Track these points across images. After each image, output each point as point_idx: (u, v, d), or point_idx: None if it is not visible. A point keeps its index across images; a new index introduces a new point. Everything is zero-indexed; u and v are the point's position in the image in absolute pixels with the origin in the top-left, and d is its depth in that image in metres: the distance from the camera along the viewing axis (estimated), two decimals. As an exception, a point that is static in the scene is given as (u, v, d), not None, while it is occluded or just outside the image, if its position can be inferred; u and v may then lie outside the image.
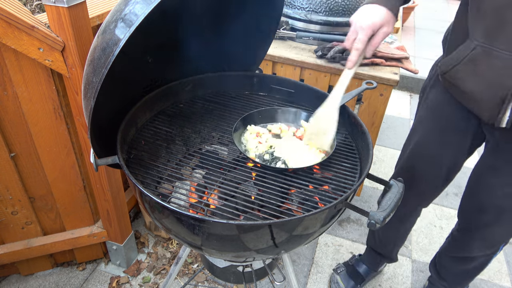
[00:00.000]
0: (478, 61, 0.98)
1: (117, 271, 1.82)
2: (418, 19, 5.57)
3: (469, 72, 1.01)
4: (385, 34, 1.00)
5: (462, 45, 1.02)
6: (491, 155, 1.20)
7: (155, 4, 0.70)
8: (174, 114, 1.17)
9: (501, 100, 0.97)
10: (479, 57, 0.97)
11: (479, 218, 1.29)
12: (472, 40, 0.99)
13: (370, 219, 0.74)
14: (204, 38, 1.21)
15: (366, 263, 1.81)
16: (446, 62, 1.08)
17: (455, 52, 1.05)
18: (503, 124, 1.00)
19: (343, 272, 1.83)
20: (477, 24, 0.97)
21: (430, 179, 1.36)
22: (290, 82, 1.24)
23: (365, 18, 0.98)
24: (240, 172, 0.95)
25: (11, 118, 1.31)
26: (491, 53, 0.94)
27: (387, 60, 1.70)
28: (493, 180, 1.20)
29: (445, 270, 1.58)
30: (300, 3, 1.77)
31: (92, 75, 0.77)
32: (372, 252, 1.77)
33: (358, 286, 1.80)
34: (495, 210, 1.23)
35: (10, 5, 1.09)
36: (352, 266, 1.83)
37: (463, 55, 1.01)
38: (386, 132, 3.11)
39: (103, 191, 1.53)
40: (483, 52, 0.96)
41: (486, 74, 0.97)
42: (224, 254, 0.88)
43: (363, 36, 0.98)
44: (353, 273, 1.81)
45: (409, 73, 3.62)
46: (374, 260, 1.78)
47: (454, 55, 1.05)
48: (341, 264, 1.88)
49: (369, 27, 0.97)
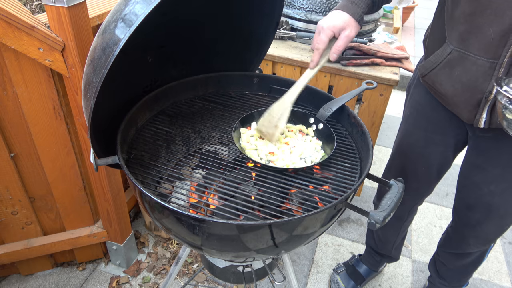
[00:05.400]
0: (454, 65, 1.01)
1: (117, 271, 1.82)
2: (418, 19, 5.57)
3: (446, 75, 1.04)
4: (348, 38, 1.02)
5: (440, 49, 1.05)
6: (474, 154, 1.22)
7: (155, 4, 0.70)
8: (174, 114, 1.17)
9: (477, 103, 1.00)
10: (455, 61, 1.00)
11: (469, 216, 1.31)
12: (448, 44, 1.02)
13: (370, 219, 0.74)
14: (204, 38, 1.21)
15: (366, 263, 1.81)
16: (425, 65, 1.11)
17: (432, 55, 1.08)
18: (481, 125, 1.04)
19: (343, 272, 1.83)
20: (452, 29, 1.00)
21: (421, 176, 1.38)
22: (290, 82, 1.24)
23: (327, 21, 1.03)
24: (240, 172, 0.95)
25: (11, 118, 1.31)
26: (466, 57, 0.97)
27: (387, 60, 1.70)
28: (478, 178, 1.22)
29: (444, 266, 1.59)
30: (300, 3, 1.77)
31: (92, 75, 0.77)
32: (372, 252, 1.77)
33: (358, 286, 1.80)
34: (483, 208, 1.25)
35: (10, 5, 1.09)
36: (352, 266, 1.83)
37: (440, 59, 1.05)
38: (386, 132, 3.11)
39: (103, 191, 1.53)
40: (458, 56, 0.99)
41: (462, 78, 1.00)
42: (224, 254, 0.88)
43: (324, 37, 1.02)
44: (353, 273, 1.81)
45: (409, 73, 3.61)
46: (374, 260, 1.78)
47: (432, 58, 1.08)
48: (341, 264, 1.88)
49: (329, 28, 1.01)
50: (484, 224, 1.29)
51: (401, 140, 1.39)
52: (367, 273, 1.82)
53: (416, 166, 1.36)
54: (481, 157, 1.18)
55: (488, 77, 0.95)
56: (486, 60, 0.94)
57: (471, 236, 1.35)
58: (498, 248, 2.15)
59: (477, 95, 0.99)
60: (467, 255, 1.46)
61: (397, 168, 1.44)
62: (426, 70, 1.11)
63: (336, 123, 1.15)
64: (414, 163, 1.36)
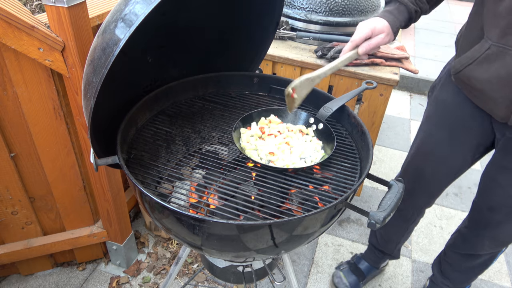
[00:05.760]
0: (493, 60, 1.01)
1: (117, 271, 1.82)
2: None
3: (483, 70, 1.04)
4: (382, 40, 1.07)
5: (477, 45, 1.05)
6: (501, 155, 1.22)
7: (155, 4, 0.70)
8: (174, 114, 1.17)
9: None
10: (493, 56, 1.00)
11: (490, 216, 1.31)
12: (487, 40, 1.01)
13: (370, 219, 0.74)
14: (204, 38, 1.21)
15: (368, 260, 1.83)
16: (461, 61, 1.11)
17: (469, 51, 1.08)
18: None
19: (346, 269, 1.85)
20: (492, 25, 1.00)
21: (440, 178, 1.38)
22: (290, 82, 1.24)
23: (369, 21, 1.08)
24: (240, 172, 0.95)
25: (11, 118, 1.31)
26: (506, 52, 0.97)
27: (387, 60, 1.70)
28: (504, 180, 1.22)
29: (450, 267, 1.59)
30: (300, 3, 1.77)
31: (92, 75, 0.77)
32: (374, 249, 1.78)
33: (360, 283, 1.82)
34: (506, 210, 1.25)
35: (10, 5, 1.09)
36: (354, 263, 1.86)
37: (477, 54, 1.04)
38: (386, 132, 3.11)
39: (103, 191, 1.53)
40: (498, 51, 0.99)
41: (500, 73, 1.00)
42: (224, 254, 0.88)
43: (361, 34, 1.06)
44: (356, 269, 1.83)
45: (409, 73, 3.62)
46: (376, 257, 1.80)
47: (469, 54, 1.08)
48: (343, 262, 1.91)
49: (369, 28, 1.06)
50: (504, 226, 1.29)
51: (422, 140, 1.37)
52: (368, 270, 1.83)
53: (437, 167, 1.35)
54: (509, 158, 1.18)
55: None
56: None
57: (488, 237, 1.36)
58: (498, 248, 2.15)
59: None
60: (478, 256, 1.46)
61: (415, 169, 1.43)
62: (462, 65, 1.10)
63: (336, 123, 1.15)
64: (435, 163, 1.35)
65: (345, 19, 1.76)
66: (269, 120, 1.13)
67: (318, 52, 1.69)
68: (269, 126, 1.10)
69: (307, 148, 1.03)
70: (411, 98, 3.70)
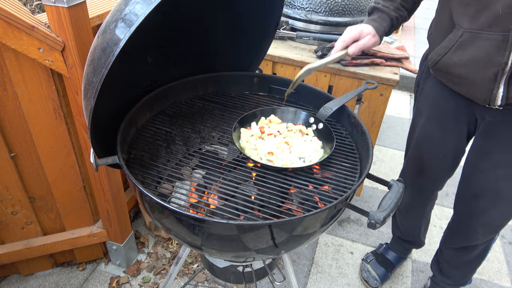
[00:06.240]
0: (467, 46, 1.06)
1: (117, 271, 1.82)
2: (418, 19, 5.57)
3: (459, 56, 1.09)
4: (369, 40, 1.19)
5: (450, 34, 1.11)
6: (481, 140, 1.26)
7: (155, 4, 0.70)
8: (174, 114, 1.17)
9: (494, 76, 1.04)
10: (466, 41, 1.06)
11: (476, 204, 1.34)
12: (459, 28, 1.08)
13: (370, 219, 0.74)
14: (204, 38, 1.21)
15: (395, 251, 1.86)
16: (437, 52, 1.16)
17: (444, 41, 1.13)
18: (497, 102, 1.07)
19: (373, 261, 1.87)
20: (462, 14, 1.07)
21: (439, 162, 1.42)
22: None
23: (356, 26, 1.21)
24: (240, 172, 0.95)
25: (11, 118, 1.31)
26: (478, 36, 1.03)
27: (387, 60, 1.70)
28: (485, 164, 1.25)
29: (448, 264, 1.61)
30: (300, 3, 1.77)
31: (92, 75, 0.77)
32: (399, 240, 1.82)
33: (389, 274, 1.84)
34: (490, 194, 1.28)
35: (10, 5, 1.09)
36: (381, 254, 1.88)
37: (452, 43, 1.10)
38: (386, 132, 3.11)
39: (103, 191, 1.53)
40: (470, 36, 1.05)
41: (476, 55, 1.05)
42: (224, 254, 0.88)
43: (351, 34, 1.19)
44: (383, 261, 1.85)
45: (409, 73, 3.62)
46: (403, 247, 1.83)
47: (443, 44, 1.13)
48: (369, 253, 1.93)
49: (358, 30, 1.19)
50: (490, 211, 1.31)
51: (416, 132, 1.43)
52: (396, 260, 1.86)
53: (434, 154, 1.40)
54: (489, 142, 1.22)
55: (502, 50, 1.00)
56: (498, 34, 0.99)
57: (479, 224, 1.38)
58: (498, 248, 2.15)
59: (493, 68, 1.03)
60: (473, 248, 1.48)
61: (415, 158, 1.48)
62: (439, 55, 1.15)
63: (336, 123, 1.15)
64: (432, 151, 1.40)
65: (345, 19, 1.76)
66: (269, 120, 1.13)
67: (318, 52, 1.69)
68: (269, 126, 1.11)
69: (306, 148, 1.03)
70: (411, 98, 3.70)
